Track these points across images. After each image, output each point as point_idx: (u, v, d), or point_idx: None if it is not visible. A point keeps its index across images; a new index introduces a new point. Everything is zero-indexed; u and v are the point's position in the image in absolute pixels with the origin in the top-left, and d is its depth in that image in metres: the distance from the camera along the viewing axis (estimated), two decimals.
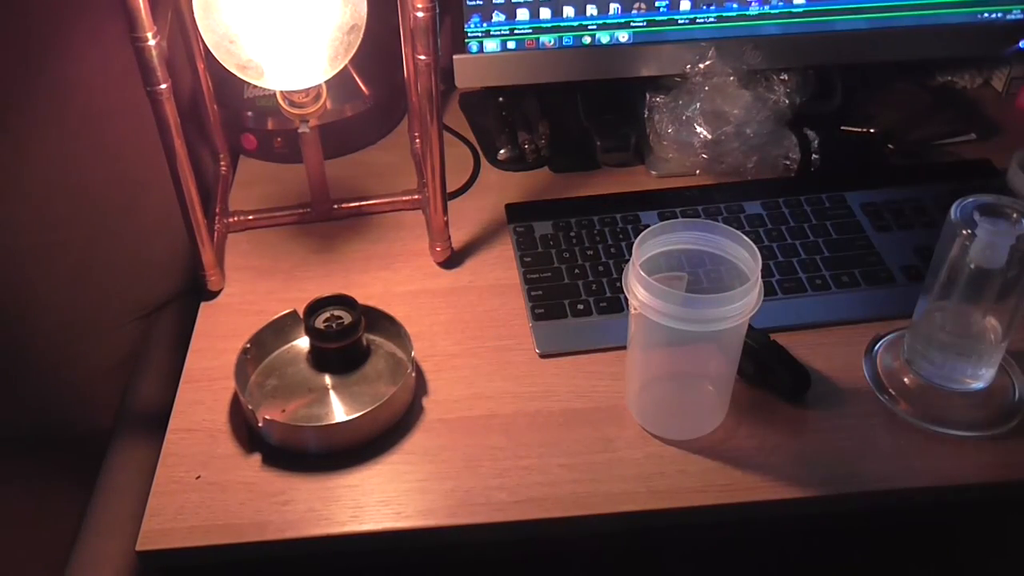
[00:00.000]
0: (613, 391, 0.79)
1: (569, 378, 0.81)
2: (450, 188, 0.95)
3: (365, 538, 0.70)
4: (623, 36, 1.00)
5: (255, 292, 0.90)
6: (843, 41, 1.02)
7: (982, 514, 0.84)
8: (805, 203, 0.96)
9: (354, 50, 0.82)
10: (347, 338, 0.78)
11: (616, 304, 0.86)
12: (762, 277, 0.68)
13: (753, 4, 0.99)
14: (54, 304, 0.84)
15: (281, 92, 0.85)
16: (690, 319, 0.66)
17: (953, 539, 0.95)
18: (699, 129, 0.96)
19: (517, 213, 0.97)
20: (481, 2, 0.97)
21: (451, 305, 0.88)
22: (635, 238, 0.70)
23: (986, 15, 1.02)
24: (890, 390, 0.78)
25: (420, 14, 0.77)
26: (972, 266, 0.71)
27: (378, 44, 0.89)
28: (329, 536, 0.70)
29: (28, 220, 0.81)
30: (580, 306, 0.86)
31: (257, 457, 0.75)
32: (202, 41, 0.84)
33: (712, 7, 0.99)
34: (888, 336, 0.83)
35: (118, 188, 0.89)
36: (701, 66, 0.97)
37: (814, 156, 1.00)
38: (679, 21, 1.00)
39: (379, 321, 0.82)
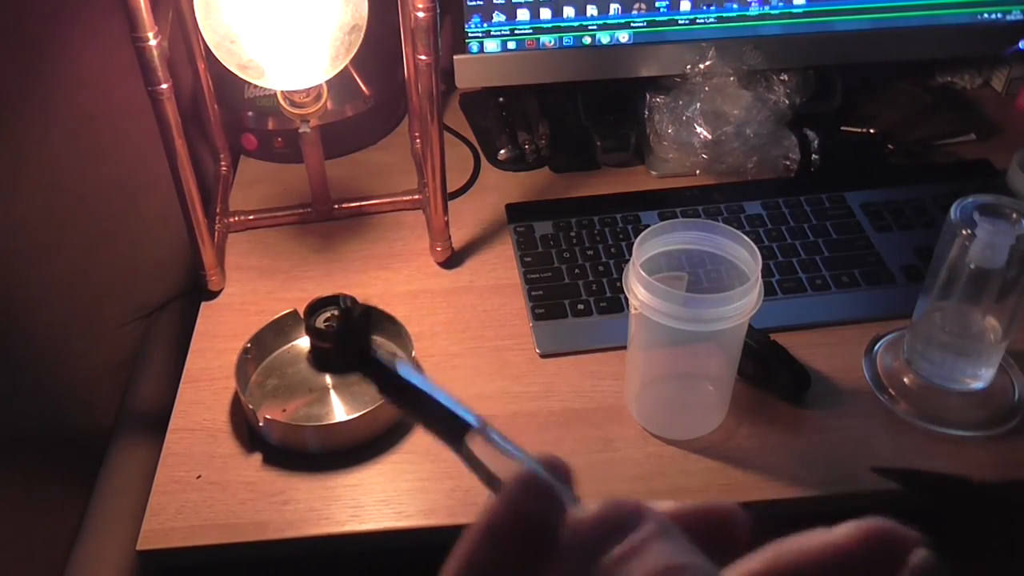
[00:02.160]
0: (613, 391, 0.79)
1: (569, 378, 0.81)
2: (450, 188, 0.95)
3: (365, 538, 0.70)
4: (623, 36, 1.00)
5: (255, 292, 0.90)
6: (843, 41, 1.02)
7: (982, 514, 0.84)
8: (805, 203, 0.96)
9: (355, 50, 0.82)
10: None
11: (616, 304, 0.86)
12: (762, 277, 0.68)
13: (753, 4, 0.99)
14: (54, 304, 0.84)
15: (282, 92, 0.85)
16: (690, 319, 0.66)
17: (952, 539, 0.95)
18: (699, 129, 0.96)
19: (517, 213, 0.97)
20: (481, 2, 0.97)
21: (451, 305, 0.88)
22: (635, 238, 0.70)
23: (986, 15, 1.02)
24: (890, 390, 0.78)
25: (420, 14, 0.77)
26: (972, 266, 0.71)
27: (379, 44, 0.89)
28: (329, 536, 0.70)
29: (28, 220, 0.81)
30: (580, 306, 0.86)
31: (257, 457, 0.75)
32: (203, 41, 0.84)
33: (712, 7, 0.99)
34: (888, 336, 0.83)
35: (118, 188, 0.89)
36: (701, 66, 0.97)
37: (814, 156, 1.00)
38: (679, 21, 1.00)
39: (379, 321, 0.82)
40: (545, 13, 0.98)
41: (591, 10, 0.98)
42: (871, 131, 1.06)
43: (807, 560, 0.25)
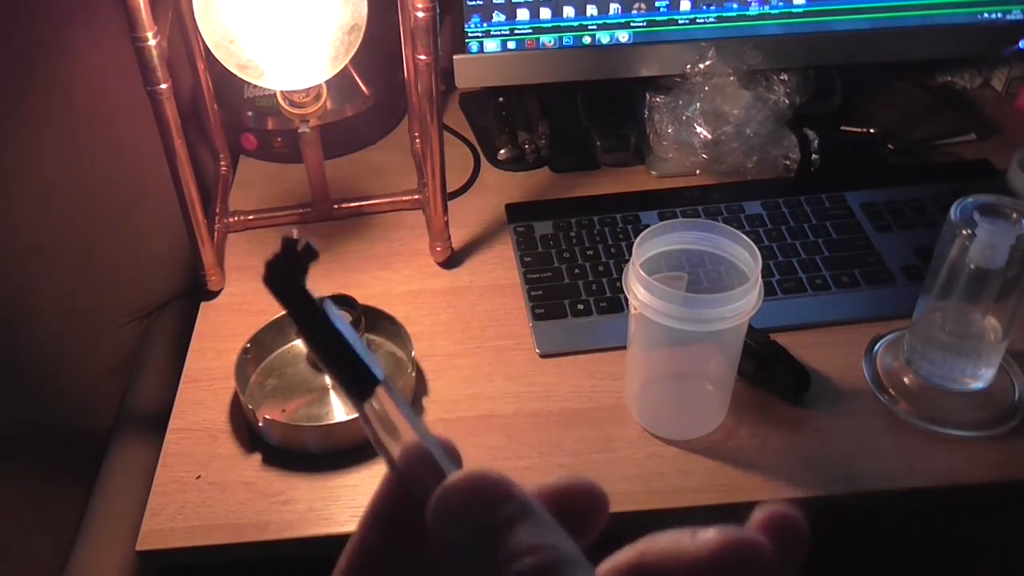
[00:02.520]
0: (613, 391, 0.79)
1: (569, 378, 0.81)
2: (450, 188, 0.95)
3: None
4: (623, 36, 1.00)
5: (255, 292, 0.90)
6: (843, 41, 1.02)
7: (982, 514, 0.84)
8: (805, 203, 0.96)
9: (354, 50, 0.82)
10: None
11: (616, 304, 0.86)
12: (762, 277, 0.68)
13: (753, 4, 0.99)
14: (54, 304, 0.84)
15: (281, 92, 0.85)
16: (690, 319, 0.66)
17: (953, 539, 0.95)
18: (699, 129, 0.96)
19: (517, 213, 0.97)
20: (481, 2, 0.97)
21: (451, 305, 0.88)
22: (635, 238, 0.70)
23: (986, 15, 1.02)
24: (890, 390, 0.78)
25: (420, 14, 0.77)
26: (972, 266, 0.71)
27: (378, 44, 0.89)
28: (329, 536, 0.70)
29: (28, 220, 0.81)
30: (580, 306, 0.86)
31: (257, 457, 0.75)
32: (202, 41, 0.84)
33: (712, 7, 0.99)
34: (888, 336, 0.83)
35: (118, 188, 0.89)
36: (701, 66, 0.97)
37: (814, 156, 1.00)
38: (679, 21, 1.00)
39: (379, 321, 0.82)
40: (545, 13, 0.98)
41: (591, 10, 0.98)
42: (871, 131, 1.06)
43: (674, 564, 0.25)
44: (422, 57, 0.80)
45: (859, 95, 1.10)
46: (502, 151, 1.06)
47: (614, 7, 0.98)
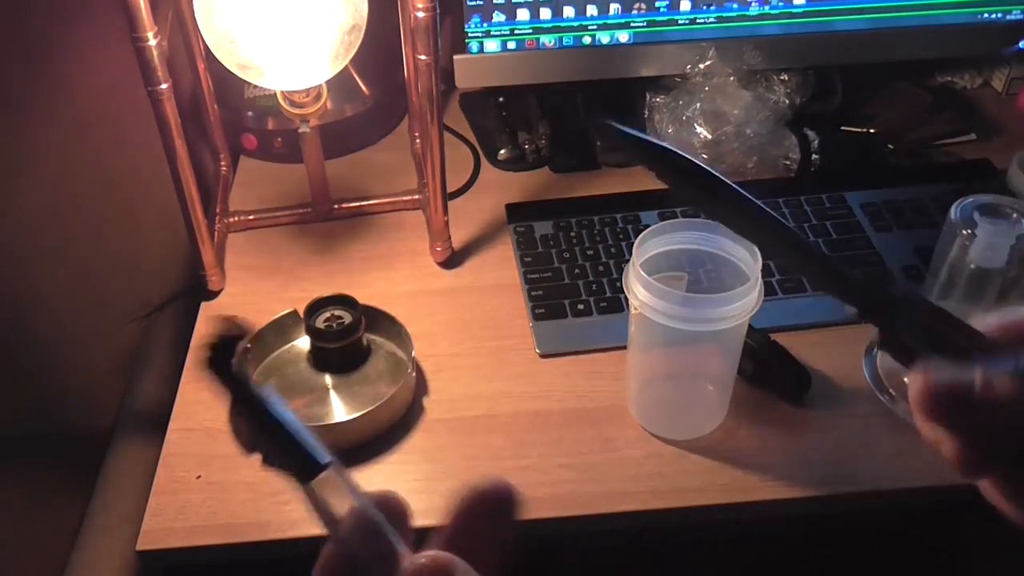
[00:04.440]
0: (613, 391, 0.79)
1: (569, 378, 0.81)
2: (450, 188, 0.95)
3: None
4: (623, 36, 1.00)
5: (255, 292, 0.90)
6: (843, 41, 1.02)
7: (980, 514, 0.84)
8: (805, 203, 0.96)
9: (354, 50, 0.82)
10: (347, 338, 0.78)
11: (616, 304, 0.86)
12: (762, 277, 0.68)
13: (753, 4, 0.99)
14: (54, 304, 0.84)
15: (281, 92, 0.85)
16: (690, 319, 0.66)
17: (953, 539, 0.95)
18: (699, 129, 0.96)
19: (517, 213, 0.97)
20: (481, 2, 0.97)
21: (451, 305, 0.88)
22: (635, 238, 0.70)
23: (986, 15, 1.02)
24: (890, 390, 0.78)
25: (420, 14, 0.77)
26: (972, 266, 0.71)
27: (378, 44, 0.89)
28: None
29: (28, 220, 0.81)
30: (580, 306, 0.86)
31: (257, 457, 0.75)
32: (202, 41, 0.84)
33: (712, 7, 0.99)
34: None
35: (119, 188, 0.89)
36: (701, 66, 0.97)
37: (814, 156, 1.00)
38: (679, 21, 1.00)
39: (379, 321, 0.82)
40: (545, 13, 0.98)
41: (591, 10, 0.98)
42: (871, 131, 1.06)
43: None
44: (422, 57, 0.80)
45: (859, 95, 1.10)
46: (502, 151, 1.06)
47: (614, 7, 0.98)
